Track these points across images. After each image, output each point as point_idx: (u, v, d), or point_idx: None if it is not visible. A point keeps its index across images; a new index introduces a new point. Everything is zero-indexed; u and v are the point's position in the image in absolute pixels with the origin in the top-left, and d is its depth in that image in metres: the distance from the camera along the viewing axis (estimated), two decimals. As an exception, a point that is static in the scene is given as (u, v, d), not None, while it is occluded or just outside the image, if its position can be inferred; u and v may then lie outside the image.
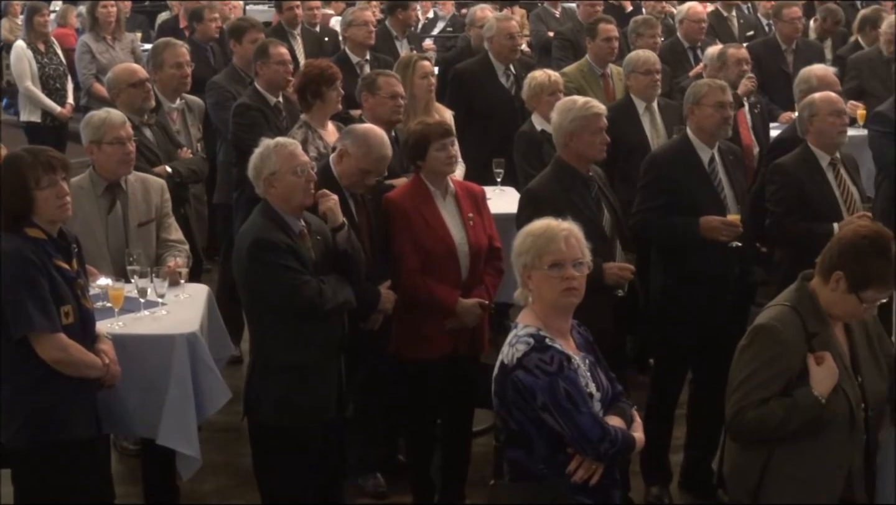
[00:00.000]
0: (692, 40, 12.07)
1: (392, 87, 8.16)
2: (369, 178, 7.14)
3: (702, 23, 12.26)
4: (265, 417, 6.49)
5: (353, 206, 7.12)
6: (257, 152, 6.52)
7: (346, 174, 7.10)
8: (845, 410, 5.26)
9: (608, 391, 5.22)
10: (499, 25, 10.79)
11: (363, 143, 7.09)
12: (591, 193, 7.20)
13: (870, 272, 5.21)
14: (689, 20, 12.19)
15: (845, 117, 7.89)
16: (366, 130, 7.22)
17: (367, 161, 7.08)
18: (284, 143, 6.57)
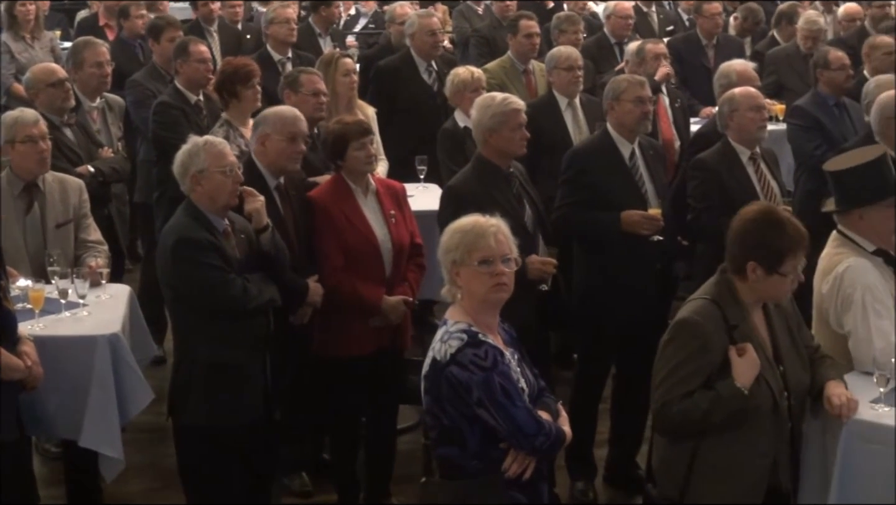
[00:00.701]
0: (619, 36, 12.13)
1: (314, 85, 8.13)
2: (295, 155, 7.13)
3: (628, 19, 12.32)
4: (190, 417, 6.44)
5: (279, 201, 7.09)
6: (185, 149, 6.47)
7: (273, 159, 7.08)
8: (768, 399, 5.33)
9: (535, 387, 5.23)
10: (420, 22, 10.79)
11: (278, 119, 7.13)
12: (512, 189, 7.21)
13: (777, 247, 5.33)
14: (615, 16, 12.25)
15: (765, 112, 7.96)
16: (276, 109, 7.29)
17: (290, 130, 7.08)
18: (214, 141, 6.54)
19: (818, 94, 9.59)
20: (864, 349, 5.78)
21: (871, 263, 5.96)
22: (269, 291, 6.55)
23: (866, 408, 5.46)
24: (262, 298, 6.47)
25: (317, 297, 7.03)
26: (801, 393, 5.50)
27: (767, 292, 5.43)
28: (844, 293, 5.88)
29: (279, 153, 7.10)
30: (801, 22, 12.07)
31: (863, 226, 6.04)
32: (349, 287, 7.08)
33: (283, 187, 7.17)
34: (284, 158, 7.13)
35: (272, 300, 6.57)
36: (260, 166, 7.08)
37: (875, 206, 6.00)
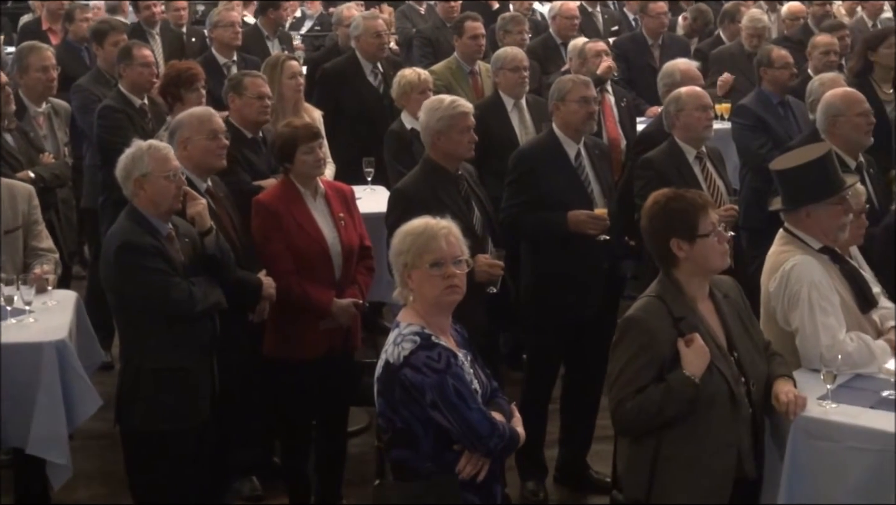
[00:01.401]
0: (564, 37, 12.14)
1: (258, 88, 8.10)
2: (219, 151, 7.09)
3: (574, 19, 12.34)
4: (138, 423, 6.41)
5: (212, 203, 7.05)
6: (129, 153, 6.44)
7: (198, 160, 7.01)
8: (723, 388, 5.36)
9: (488, 388, 5.24)
10: (365, 24, 10.77)
11: (194, 119, 7.10)
12: (460, 192, 7.21)
13: (685, 212, 5.43)
14: (561, 16, 12.27)
15: (711, 112, 8.00)
16: (188, 111, 7.28)
17: (209, 128, 7.06)
18: (158, 146, 6.51)
19: (762, 92, 9.65)
20: (811, 346, 5.83)
21: (817, 260, 6.01)
22: (214, 295, 6.53)
23: (814, 405, 5.50)
24: (207, 301, 6.46)
25: (271, 289, 7.00)
26: (759, 379, 5.54)
27: (706, 262, 5.47)
28: (791, 291, 5.94)
29: (204, 153, 7.05)
30: (744, 20, 12.14)
31: (809, 224, 6.09)
32: (299, 290, 7.07)
33: (211, 189, 7.14)
34: (210, 157, 7.07)
35: (218, 303, 6.55)
36: (185, 171, 6.98)
37: (821, 204, 6.06)
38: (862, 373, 5.85)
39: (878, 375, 5.80)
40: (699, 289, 5.53)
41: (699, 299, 5.52)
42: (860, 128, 7.63)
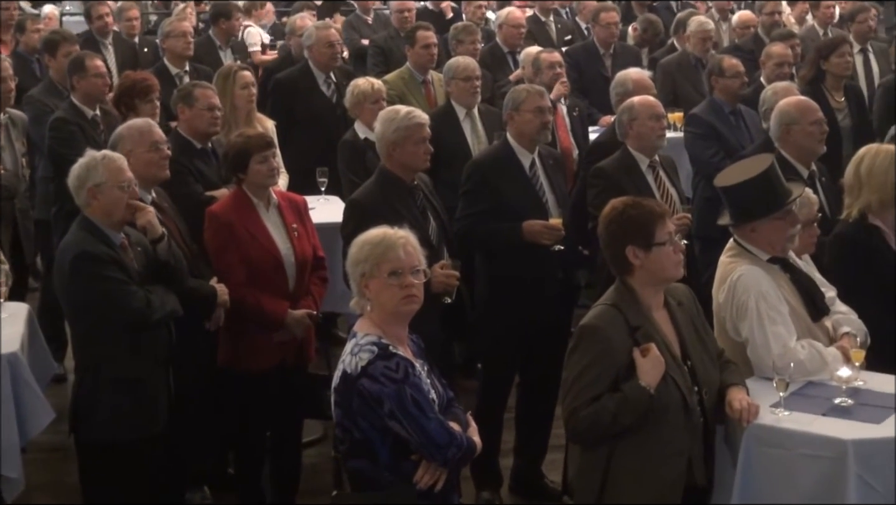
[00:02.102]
0: (511, 45, 12.16)
1: (209, 99, 8.06)
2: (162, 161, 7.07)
3: (521, 28, 12.36)
4: (96, 433, 6.39)
5: (159, 214, 7.02)
6: (82, 162, 6.41)
7: (142, 172, 6.94)
8: (677, 397, 5.39)
9: (444, 397, 5.26)
10: (318, 34, 10.76)
11: (135, 132, 7.10)
12: (416, 202, 7.22)
13: (642, 220, 5.46)
14: (508, 25, 12.28)
15: (664, 121, 8.02)
16: (127, 125, 7.25)
17: (150, 140, 7.03)
18: (113, 156, 6.49)
19: (714, 101, 9.69)
20: (763, 355, 5.87)
21: (764, 270, 6.05)
22: (171, 302, 6.52)
23: (766, 412, 5.54)
24: (164, 309, 6.45)
25: (225, 297, 6.99)
26: (711, 388, 5.57)
27: (660, 271, 5.50)
28: (739, 301, 5.97)
29: (147, 164, 7.02)
30: (692, 26, 12.17)
31: (756, 237, 6.13)
32: (253, 301, 7.05)
33: (157, 200, 7.11)
34: (153, 168, 7.06)
35: (174, 311, 6.54)
36: None
37: (765, 219, 6.09)
38: (814, 380, 5.89)
39: (831, 383, 5.83)
40: (654, 297, 5.56)
41: (654, 308, 5.55)
42: (813, 136, 7.68)
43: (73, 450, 6.66)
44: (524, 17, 13.13)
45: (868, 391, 5.81)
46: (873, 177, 6.78)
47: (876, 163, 6.80)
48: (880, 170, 6.77)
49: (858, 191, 6.84)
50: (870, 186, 6.78)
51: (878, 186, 6.77)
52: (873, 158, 6.84)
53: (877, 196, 6.77)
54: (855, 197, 6.85)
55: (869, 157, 6.87)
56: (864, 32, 12.01)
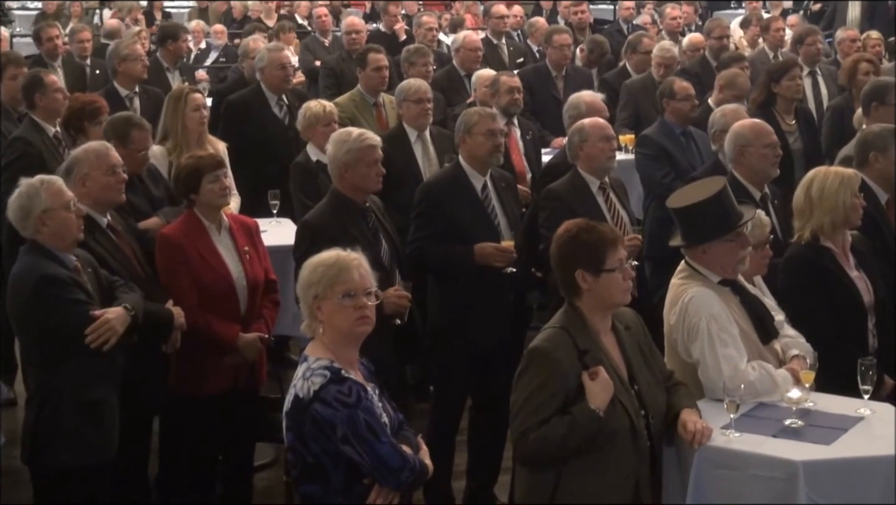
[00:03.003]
0: (468, 68, 12.17)
1: (144, 143, 7.90)
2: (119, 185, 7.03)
3: (477, 51, 12.38)
4: (56, 459, 6.31)
5: (115, 238, 7.00)
6: (21, 192, 6.34)
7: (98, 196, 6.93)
8: (625, 420, 5.41)
9: (395, 420, 5.25)
10: (270, 56, 10.74)
11: (93, 155, 7.03)
12: (368, 224, 7.22)
13: (594, 245, 5.48)
14: (465, 49, 12.30)
15: (614, 143, 8.06)
16: (84, 148, 7.18)
17: (107, 164, 7.00)
18: (51, 179, 6.44)
19: (665, 123, 9.73)
20: (714, 377, 5.88)
21: (715, 292, 6.07)
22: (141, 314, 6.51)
23: (717, 434, 5.56)
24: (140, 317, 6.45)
25: (182, 319, 6.94)
26: (658, 412, 5.59)
27: (609, 297, 5.53)
28: (690, 323, 5.99)
29: (103, 188, 6.98)
30: (655, 50, 12.22)
31: (707, 259, 6.15)
32: (204, 324, 7.02)
33: (112, 224, 7.07)
34: (110, 192, 7.01)
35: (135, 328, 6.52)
36: (85, 208, 6.83)
37: (717, 241, 6.12)
38: (765, 402, 5.91)
39: (781, 404, 5.86)
40: (602, 321, 5.58)
41: (602, 332, 5.58)
42: (767, 159, 7.71)
43: (23, 475, 6.59)
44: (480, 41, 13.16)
45: (818, 412, 5.84)
46: (825, 199, 6.82)
47: (826, 185, 6.84)
48: (831, 192, 6.81)
49: (809, 213, 6.88)
50: (821, 209, 6.82)
51: (830, 208, 6.81)
52: (823, 181, 6.88)
53: (829, 218, 6.81)
54: (806, 219, 6.89)
55: (819, 179, 6.91)
56: (813, 55, 12.12)
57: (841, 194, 6.80)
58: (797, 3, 22.53)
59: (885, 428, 5.73)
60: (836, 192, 6.81)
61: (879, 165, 7.63)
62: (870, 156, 7.66)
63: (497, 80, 10.14)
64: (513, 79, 10.21)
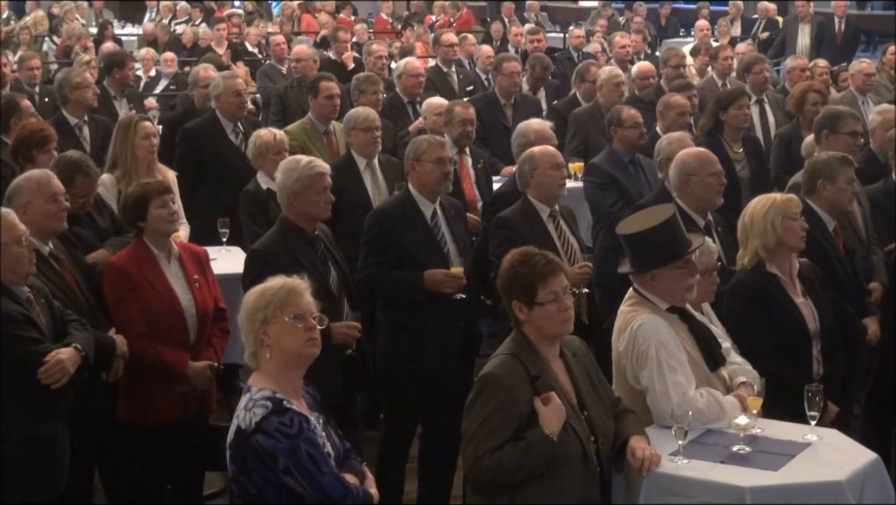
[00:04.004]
0: (410, 95, 12.19)
1: (87, 189, 7.84)
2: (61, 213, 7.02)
3: (419, 77, 12.38)
4: (7, 496, 6.25)
5: (57, 266, 6.97)
6: None
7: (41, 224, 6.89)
8: (576, 446, 5.44)
9: (341, 449, 5.24)
10: (225, 83, 10.70)
11: (34, 183, 7.03)
12: (317, 252, 7.22)
13: (525, 278, 5.53)
14: (406, 75, 12.29)
15: (564, 170, 8.11)
16: (26, 176, 7.19)
17: (49, 192, 6.98)
18: (3, 213, 6.41)
19: (613, 151, 9.76)
20: (662, 404, 5.92)
21: (664, 319, 6.10)
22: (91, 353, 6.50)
23: (666, 461, 5.59)
24: (91, 357, 6.44)
25: (124, 347, 6.91)
26: (607, 438, 5.63)
27: (545, 328, 5.58)
28: (639, 350, 6.02)
29: (45, 216, 6.96)
30: (601, 77, 12.25)
31: (655, 286, 6.19)
32: (153, 353, 7.00)
33: (54, 252, 7.04)
34: (52, 220, 6.99)
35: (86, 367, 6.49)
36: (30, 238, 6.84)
37: (665, 267, 6.15)
38: (713, 428, 5.95)
39: (729, 431, 5.89)
40: (549, 349, 5.63)
41: (550, 358, 5.61)
42: (712, 187, 7.74)
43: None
44: (423, 67, 13.18)
45: (765, 439, 5.89)
46: (754, 224, 6.92)
47: (755, 210, 6.94)
48: (759, 216, 6.90)
49: (746, 241, 6.97)
50: (752, 234, 6.92)
51: (759, 233, 6.89)
52: (754, 207, 6.99)
53: (760, 241, 6.89)
54: (744, 247, 6.99)
55: (751, 206, 7.03)
56: (760, 83, 12.19)
57: (769, 218, 6.87)
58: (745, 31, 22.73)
59: (832, 454, 5.80)
60: (763, 216, 6.89)
61: (827, 193, 7.71)
62: (818, 183, 7.74)
63: (451, 110, 10.14)
64: (467, 110, 10.20)
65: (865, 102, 12.44)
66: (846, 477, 5.57)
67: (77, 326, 6.57)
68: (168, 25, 22.96)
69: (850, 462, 5.71)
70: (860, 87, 12.71)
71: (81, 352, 6.41)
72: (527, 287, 5.52)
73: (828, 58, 15.56)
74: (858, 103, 12.09)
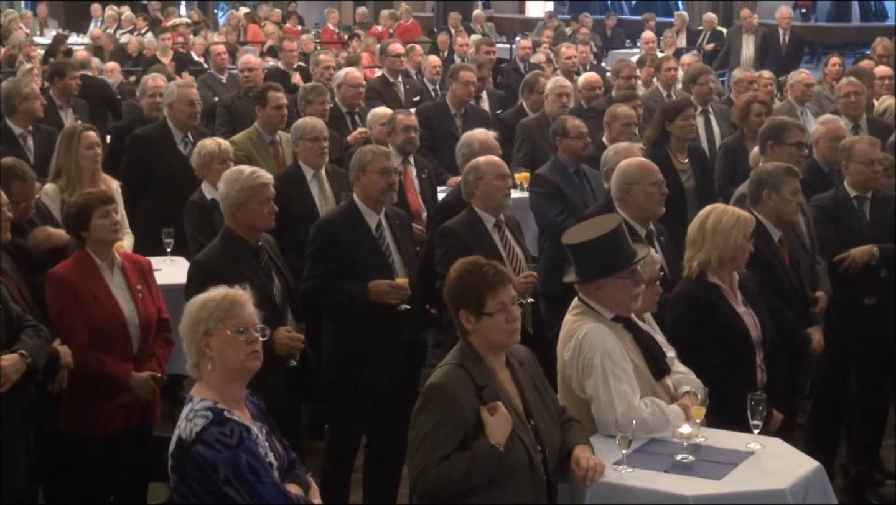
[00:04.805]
0: (350, 105, 12.15)
1: (25, 195, 7.84)
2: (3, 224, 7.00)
3: (359, 87, 12.35)
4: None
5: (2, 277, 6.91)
6: None
7: None
8: (524, 455, 5.44)
9: (284, 460, 5.23)
10: (179, 92, 10.63)
11: None
12: (260, 263, 7.20)
13: (474, 289, 5.52)
14: (346, 85, 12.23)
15: (509, 180, 8.12)
16: None
17: None
18: None
19: (558, 161, 9.77)
20: (607, 413, 5.92)
21: (609, 328, 6.12)
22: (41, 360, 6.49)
23: (610, 470, 5.60)
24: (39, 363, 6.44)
25: (68, 358, 6.88)
26: (553, 447, 5.63)
27: (492, 339, 5.56)
28: (584, 359, 6.02)
29: None
30: (548, 86, 12.28)
31: (601, 295, 6.20)
32: (96, 364, 6.97)
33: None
34: None
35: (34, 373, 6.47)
36: None
37: (610, 277, 6.17)
38: (657, 437, 5.96)
39: (673, 440, 5.91)
40: (496, 358, 5.62)
41: (497, 368, 5.60)
42: (653, 197, 7.76)
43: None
44: (370, 77, 13.15)
45: (709, 448, 5.90)
46: (718, 234, 6.90)
47: (722, 220, 6.93)
48: (725, 228, 6.89)
49: (701, 245, 6.95)
50: (713, 242, 6.90)
51: (721, 244, 6.89)
52: (720, 216, 6.96)
53: (717, 253, 6.89)
54: (696, 250, 6.96)
55: (716, 213, 7.00)
56: (705, 94, 12.25)
57: (734, 233, 6.88)
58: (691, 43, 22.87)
59: (775, 462, 5.82)
60: (729, 230, 6.89)
61: (772, 203, 7.74)
62: (763, 194, 7.76)
63: (393, 118, 10.14)
64: (409, 117, 10.22)
65: (804, 113, 12.53)
66: (789, 485, 5.59)
67: (31, 333, 6.55)
68: (113, 35, 22.87)
69: (793, 471, 5.74)
70: (799, 97, 12.79)
71: (27, 358, 6.38)
72: (475, 297, 5.51)
73: (772, 69, 15.68)
74: (797, 113, 12.16)
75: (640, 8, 32.59)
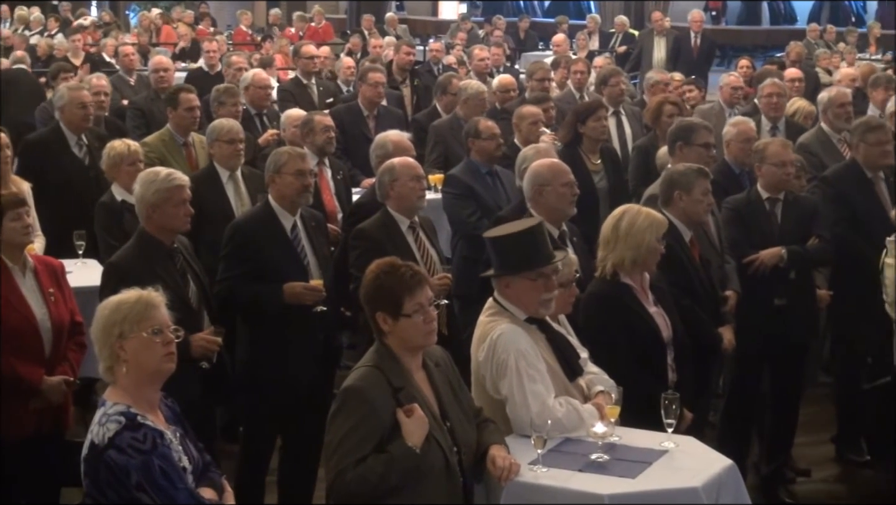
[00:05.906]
0: (258, 106, 12.14)
1: None
2: None
3: (267, 89, 12.34)
4: None
5: None
6: None
7: None
8: (440, 457, 5.45)
9: (199, 463, 5.21)
10: (70, 95, 10.54)
11: None
12: (176, 265, 7.16)
13: (391, 290, 5.53)
14: (254, 87, 12.18)
15: (424, 182, 8.13)
16: None
17: None
18: None
19: (471, 162, 9.81)
20: (522, 413, 5.95)
21: (523, 329, 6.14)
22: None
23: (525, 469, 5.62)
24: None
25: None
26: (469, 448, 5.65)
27: (410, 340, 5.57)
28: (499, 359, 6.04)
29: None
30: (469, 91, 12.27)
31: (511, 294, 6.23)
32: (6, 367, 6.88)
33: None
34: None
35: None
36: None
37: (519, 277, 6.20)
38: (571, 437, 6.00)
39: (587, 439, 5.94)
40: (412, 360, 5.62)
41: (413, 369, 5.61)
42: (565, 198, 7.79)
43: None
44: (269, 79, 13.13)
45: (623, 446, 5.94)
46: (631, 235, 6.94)
47: (637, 222, 6.97)
48: (639, 229, 6.93)
49: (614, 245, 6.98)
50: (626, 243, 6.94)
51: (634, 245, 6.93)
52: (634, 217, 7.00)
53: (630, 254, 6.93)
54: (609, 250, 7.00)
55: (630, 215, 7.04)
56: (617, 95, 12.35)
57: (648, 235, 6.93)
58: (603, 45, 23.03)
59: (689, 461, 5.88)
60: (643, 231, 6.94)
61: (683, 204, 7.80)
62: (674, 194, 7.82)
63: (311, 119, 10.14)
64: (326, 118, 10.23)
65: (732, 115, 12.61)
66: (702, 483, 5.64)
67: None
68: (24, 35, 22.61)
69: (706, 469, 5.80)
70: (727, 99, 12.86)
71: None
72: (392, 299, 5.51)
73: (684, 71, 15.85)
74: (725, 115, 12.26)
75: (553, 10, 32.83)
